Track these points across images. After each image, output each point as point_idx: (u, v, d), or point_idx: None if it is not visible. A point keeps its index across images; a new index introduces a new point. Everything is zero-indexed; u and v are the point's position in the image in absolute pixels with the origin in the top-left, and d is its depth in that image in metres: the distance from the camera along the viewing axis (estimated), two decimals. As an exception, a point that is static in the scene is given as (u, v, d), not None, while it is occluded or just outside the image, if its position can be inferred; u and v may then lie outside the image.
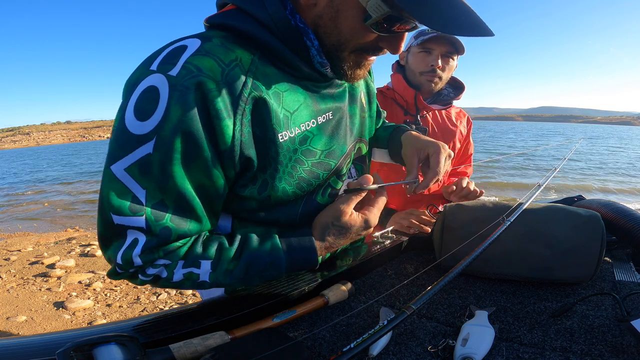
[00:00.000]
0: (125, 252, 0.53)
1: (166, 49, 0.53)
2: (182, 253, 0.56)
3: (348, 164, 0.72)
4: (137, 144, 0.50)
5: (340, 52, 0.59)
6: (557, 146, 15.14)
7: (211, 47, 0.52)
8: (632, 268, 0.79)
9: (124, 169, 0.50)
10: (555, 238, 0.70)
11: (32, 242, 4.85)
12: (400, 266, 0.83)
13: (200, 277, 0.57)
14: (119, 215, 0.51)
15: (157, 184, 0.51)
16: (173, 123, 0.49)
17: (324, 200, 0.69)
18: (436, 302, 0.67)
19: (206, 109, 0.51)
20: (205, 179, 0.54)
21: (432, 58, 1.27)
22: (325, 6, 0.55)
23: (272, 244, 0.60)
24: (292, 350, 0.49)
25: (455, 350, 0.50)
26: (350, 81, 0.65)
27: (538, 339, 0.55)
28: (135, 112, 0.50)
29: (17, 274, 3.55)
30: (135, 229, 0.52)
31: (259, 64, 0.56)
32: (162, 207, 0.53)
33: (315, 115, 0.63)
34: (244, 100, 0.53)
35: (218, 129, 0.52)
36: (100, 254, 4.01)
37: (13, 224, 6.71)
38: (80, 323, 2.62)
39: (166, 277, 0.56)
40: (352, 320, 0.61)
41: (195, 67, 0.50)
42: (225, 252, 0.58)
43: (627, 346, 0.52)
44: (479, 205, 0.79)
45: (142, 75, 0.51)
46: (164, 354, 0.47)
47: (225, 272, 0.58)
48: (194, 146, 0.51)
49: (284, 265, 0.60)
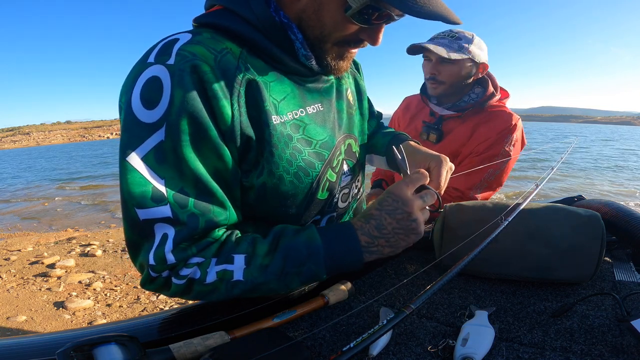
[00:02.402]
0: (157, 250, 0.51)
1: (159, 43, 0.55)
2: (215, 249, 0.54)
3: (339, 157, 0.72)
4: (149, 132, 0.51)
5: (323, 44, 0.61)
6: (554, 146, 15.08)
7: (201, 38, 0.55)
8: (632, 268, 0.79)
9: (140, 159, 0.51)
10: (555, 238, 0.70)
11: (32, 242, 4.85)
12: (400, 266, 0.83)
13: (234, 275, 0.53)
14: (142, 208, 0.50)
15: (175, 172, 0.52)
16: (177, 106, 0.50)
17: (323, 196, 0.69)
18: (436, 302, 0.67)
19: (204, 90, 0.52)
20: (217, 161, 0.55)
21: (428, 65, 1.33)
22: (309, 0, 0.57)
23: (309, 235, 0.56)
24: (292, 350, 0.49)
25: (455, 350, 0.50)
26: (335, 73, 0.66)
27: (538, 339, 0.55)
28: (142, 101, 0.51)
29: (17, 273, 3.55)
30: (162, 220, 0.51)
31: (247, 56, 0.58)
32: (184, 195, 0.52)
33: (304, 106, 0.65)
34: (237, 82, 0.55)
35: (217, 110, 0.53)
36: (101, 253, 4.02)
37: (13, 224, 6.71)
38: (80, 323, 2.62)
39: (200, 277, 0.53)
40: (352, 320, 0.61)
41: (189, 53, 0.52)
42: (260, 245, 0.55)
43: (627, 346, 0.52)
44: (479, 205, 0.79)
45: (141, 69, 0.52)
46: (164, 354, 0.47)
47: (260, 267, 0.54)
48: (199, 126, 0.52)
49: (322, 255, 0.55)
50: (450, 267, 0.55)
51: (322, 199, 0.69)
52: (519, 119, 1.32)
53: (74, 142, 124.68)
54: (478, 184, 1.29)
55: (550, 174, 1.06)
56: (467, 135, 1.33)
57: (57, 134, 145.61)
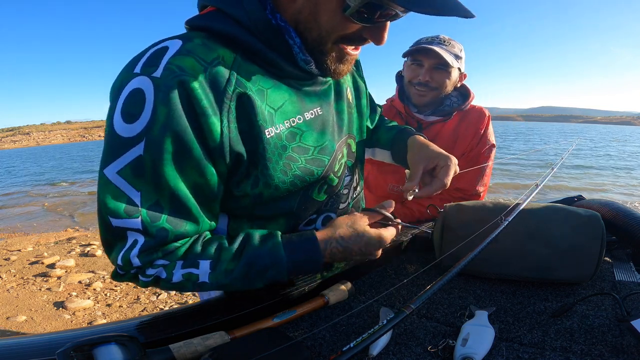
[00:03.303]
0: (124, 253, 0.54)
1: (148, 51, 0.53)
2: (181, 253, 0.56)
3: (341, 160, 0.72)
4: (127, 147, 0.50)
5: (322, 45, 0.58)
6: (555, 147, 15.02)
7: (192, 46, 0.52)
8: (632, 268, 0.79)
9: (116, 172, 0.51)
10: (555, 238, 0.70)
11: (32, 242, 4.85)
12: (400, 266, 0.83)
13: (199, 278, 0.56)
14: (115, 218, 0.52)
15: (151, 185, 0.52)
16: (161, 123, 0.49)
17: (320, 197, 0.69)
18: (436, 302, 0.67)
19: (191, 106, 0.51)
20: (198, 178, 0.54)
21: (421, 71, 1.29)
22: (304, 0, 0.55)
23: (274, 243, 0.59)
24: (292, 350, 0.50)
25: (455, 350, 0.50)
26: (335, 77, 0.64)
27: (538, 339, 0.55)
28: (122, 115, 0.50)
29: (17, 273, 3.54)
30: (133, 230, 0.53)
31: (242, 62, 0.56)
32: (158, 208, 0.53)
33: (302, 112, 0.63)
34: (228, 97, 0.53)
35: (205, 127, 0.52)
36: (101, 253, 4.02)
37: (13, 224, 6.71)
38: (80, 323, 2.62)
39: (166, 277, 0.56)
40: (352, 320, 0.61)
41: (177, 67, 0.50)
42: (225, 251, 0.57)
43: (627, 346, 0.52)
44: (479, 205, 0.79)
45: (126, 79, 0.51)
46: (164, 354, 0.47)
47: (225, 272, 0.56)
48: (183, 145, 0.51)
49: (285, 265, 0.58)
50: (450, 267, 0.55)
51: (319, 200, 0.69)
52: (484, 108, 1.41)
53: (74, 142, 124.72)
54: (478, 178, 1.34)
55: (550, 174, 1.06)
56: (453, 137, 1.36)
57: (57, 134, 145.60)
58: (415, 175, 0.74)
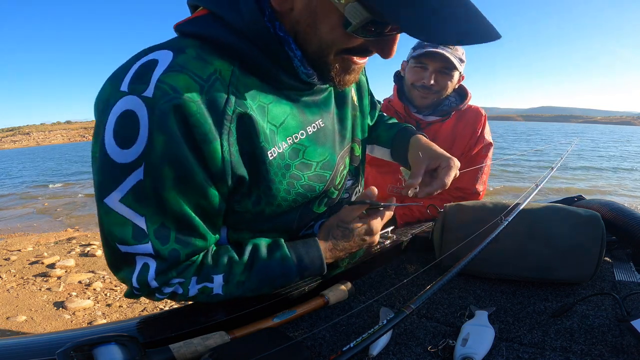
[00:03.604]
0: (140, 276, 0.53)
1: (134, 64, 0.48)
2: (194, 269, 0.57)
3: (343, 171, 0.71)
4: (126, 173, 0.48)
5: (324, 57, 0.54)
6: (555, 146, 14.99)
7: (185, 60, 0.48)
8: (632, 268, 0.79)
9: (118, 201, 0.49)
10: (555, 238, 0.70)
11: (32, 242, 4.85)
12: (400, 266, 0.83)
13: (214, 291, 0.57)
14: (124, 245, 0.51)
15: (155, 209, 0.50)
16: (159, 152, 0.47)
17: (320, 210, 0.69)
18: (436, 302, 0.67)
19: (190, 133, 0.48)
20: (201, 200, 0.53)
21: (426, 74, 1.29)
22: (302, 10, 0.50)
23: (282, 254, 0.60)
24: (292, 350, 0.49)
25: (455, 350, 0.50)
26: (340, 88, 0.60)
27: (538, 339, 0.55)
28: (116, 139, 0.47)
29: (17, 273, 3.54)
30: (144, 255, 0.52)
31: (240, 75, 0.52)
32: (165, 230, 0.52)
33: (304, 126, 0.61)
34: (228, 119, 0.50)
35: (206, 153, 0.49)
36: (101, 253, 4.02)
37: (13, 224, 6.71)
38: (80, 323, 2.62)
39: (182, 293, 0.57)
40: (352, 320, 0.61)
41: (170, 87, 0.46)
42: (236, 265, 0.58)
43: (627, 346, 0.52)
44: (479, 205, 0.79)
45: (113, 97, 0.47)
46: (164, 354, 0.47)
47: (237, 284, 0.58)
48: (184, 172, 0.49)
49: (294, 273, 0.61)
50: (450, 267, 0.55)
51: (320, 212, 0.69)
52: (480, 107, 1.43)
53: (74, 142, 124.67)
54: (477, 177, 1.36)
55: (551, 174, 1.06)
56: (451, 137, 1.37)
57: (57, 134, 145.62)
58: (417, 173, 0.74)
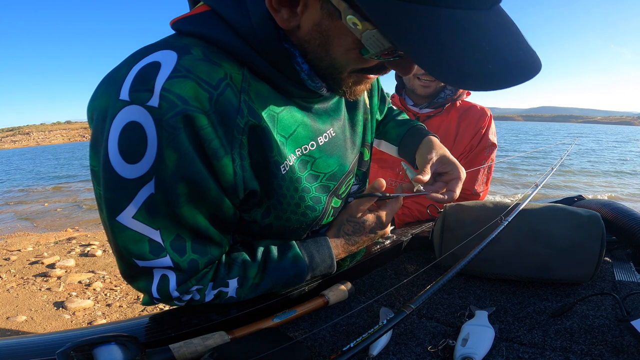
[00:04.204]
0: (161, 288, 0.52)
1: (133, 67, 0.43)
2: (211, 276, 0.57)
3: (350, 181, 0.69)
4: (136, 188, 0.45)
5: (337, 74, 0.51)
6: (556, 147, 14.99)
7: (191, 63, 0.44)
8: (632, 268, 0.79)
9: (131, 217, 0.46)
10: (555, 238, 0.70)
11: (32, 242, 4.85)
12: (400, 266, 0.83)
13: (228, 294, 0.58)
14: (141, 260, 0.49)
15: (169, 221, 0.49)
16: (171, 169, 0.45)
17: (328, 221, 0.68)
18: (436, 302, 0.67)
19: (201, 148, 0.45)
20: (216, 211, 0.52)
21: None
22: (312, 30, 0.46)
23: (294, 254, 0.61)
24: (292, 350, 0.49)
25: (455, 350, 0.50)
26: (351, 98, 0.57)
27: (538, 339, 0.55)
28: (122, 154, 0.43)
29: (17, 273, 3.54)
30: (163, 268, 0.51)
31: (250, 80, 0.49)
32: (181, 241, 0.51)
33: (315, 136, 0.59)
34: (239, 130, 0.47)
35: (218, 169, 0.48)
36: (101, 253, 4.02)
37: (13, 224, 6.71)
38: (80, 323, 2.62)
39: (199, 299, 0.57)
40: (352, 320, 0.61)
41: (177, 97, 0.42)
42: (250, 268, 0.58)
43: (627, 346, 0.52)
44: (479, 205, 0.79)
45: (112, 107, 0.43)
46: (164, 354, 0.47)
47: (251, 287, 0.58)
48: (198, 187, 0.48)
49: (306, 273, 0.62)
50: (450, 267, 0.55)
51: (326, 223, 0.68)
52: (486, 108, 1.40)
53: (74, 142, 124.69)
54: (478, 177, 1.34)
55: (550, 174, 1.06)
56: (453, 133, 1.36)
57: (57, 134, 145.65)
58: (427, 171, 0.71)
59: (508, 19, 0.40)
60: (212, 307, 0.59)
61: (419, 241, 0.93)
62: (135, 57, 0.45)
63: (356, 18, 0.40)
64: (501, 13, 0.40)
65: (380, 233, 0.69)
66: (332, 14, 0.43)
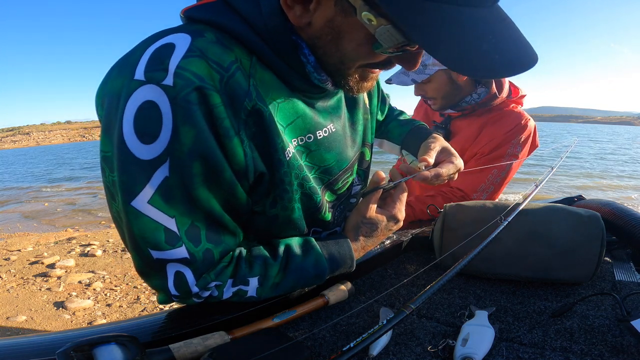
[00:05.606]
0: (179, 284, 0.51)
1: (148, 48, 0.44)
2: (230, 272, 0.55)
3: (348, 178, 0.69)
4: (151, 170, 0.45)
5: (345, 69, 0.53)
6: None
7: (205, 44, 0.45)
8: (632, 268, 0.79)
9: (147, 202, 0.46)
10: (555, 238, 0.70)
11: (32, 242, 4.85)
12: (400, 266, 0.83)
13: (248, 293, 0.56)
14: (157, 250, 0.48)
15: (184, 207, 0.48)
16: (188, 146, 0.44)
17: (326, 217, 0.68)
18: (436, 302, 0.67)
19: (214, 126, 0.46)
20: (230, 197, 0.52)
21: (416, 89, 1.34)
22: (323, 27, 0.48)
23: (316, 257, 0.60)
24: (292, 350, 0.49)
25: (455, 350, 0.50)
26: (355, 94, 0.59)
27: (538, 339, 0.55)
28: (137, 134, 0.43)
29: (17, 273, 3.55)
30: (177, 261, 0.50)
31: (258, 67, 0.50)
32: (195, 230, 0.50)
33: (314, 130, 0.59)
34: (245, 112, 0.48)
35: (229, 149, 0.47)
36: (101, 253, 4.02)
37: (13, 224, 6.71)
38: (80, 323, 2.62)
39: (217, 295, 0.55)
40: (352, 320, 0.61)
41: (193, 74, 0.43)
42: (271, 267, 0.57)
43: (627, 346, 0.52)
44: (479, 205, 0.79)
45: (127, 87, 0.43)
46: (164, 354, 0.47)
47: (272, 286, 0.57)
48: (214, 166, 0.47)
49: (327, 273, 0.61)
50: (450, 267, 0.55)
51: (327, 220, 0.67)
52: (529, 120, 1.26)
53: (74, 142, 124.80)
54: (483, 185, 1.26)
55: (550, 174, 1.06)
56: (474, 135, 1.31)
57: (57, 134, 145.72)
58: (431, 153, 0.71)
59: (506, 16, 0.44)
60: (213, 307, 0.59)
61: (419, 241, 0.93)
62: (149, 40, 0.46)
63: (371, 14, 0.42)
64: (500, 10, 0.44)
65: (396, 227, 0.67)
66: (346, 11, 0.45)
